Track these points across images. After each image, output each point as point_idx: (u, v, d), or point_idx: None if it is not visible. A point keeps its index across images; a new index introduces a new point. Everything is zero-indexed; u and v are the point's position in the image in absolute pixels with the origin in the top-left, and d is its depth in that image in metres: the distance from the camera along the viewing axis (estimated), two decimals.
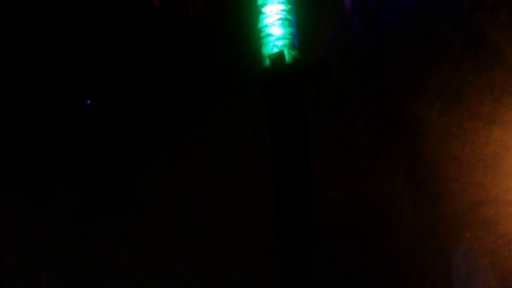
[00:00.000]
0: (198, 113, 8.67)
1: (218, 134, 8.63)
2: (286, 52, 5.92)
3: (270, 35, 6.02)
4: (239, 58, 6.88)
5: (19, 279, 7.51)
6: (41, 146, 7.62)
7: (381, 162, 7.74)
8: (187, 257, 7.28)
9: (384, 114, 9.50)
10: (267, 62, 5.95)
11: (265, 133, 6.08)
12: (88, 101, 8.08)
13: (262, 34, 6.08)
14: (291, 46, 5.99)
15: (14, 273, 7.52)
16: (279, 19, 6.02)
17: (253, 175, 7.06)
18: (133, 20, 8.44)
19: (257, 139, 6.68)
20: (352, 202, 7.21)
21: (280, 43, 5.97)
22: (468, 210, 7.23)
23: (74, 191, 7.70)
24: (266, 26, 6.05)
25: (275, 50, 5.92)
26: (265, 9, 6.07)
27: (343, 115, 8.89)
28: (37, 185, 7.64)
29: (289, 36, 6.03)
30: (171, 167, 7.75)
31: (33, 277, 7.56)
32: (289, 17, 6.07)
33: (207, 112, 8.54)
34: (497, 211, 7.15)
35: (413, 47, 9.17)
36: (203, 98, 8.51)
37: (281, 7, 6.05)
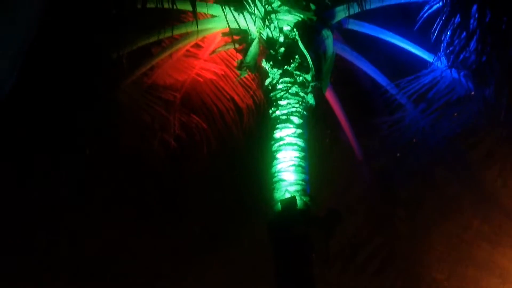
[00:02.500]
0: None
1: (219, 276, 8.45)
2: (298, 198, 5.89)
3: (283, 180, 6.04)
4: (251, 202, 6.90)
5: None
6: None
7: None
8: None
9: (392, 266, 9.31)
10: (278, 206, 5.90)
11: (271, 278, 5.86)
12: None
13: (275, 179, 6.10)
14: (303, 192, 5.99)
15: None
16: (292, 165, 6.08)
17: None
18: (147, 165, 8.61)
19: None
20: None
21: (292, 188, 5.97)
22: None
23: None
24: (279, 171, 6.09)
25: (287, 195, 5.90)
26: (279, 155, 6.15)
27: (352, 265, 8.74)
28: None
29: (302, 183, 6.05)
30: None
31: None
32: (303, 163, 6.14)
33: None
34: None
35: (420, 205, 9.22)
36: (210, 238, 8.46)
37: (295, 153, 6.14)
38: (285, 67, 6.44)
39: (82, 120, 6.92)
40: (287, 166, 6.08)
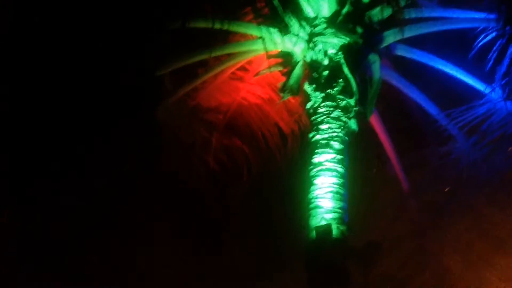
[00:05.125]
0: None
1: None
2: (334, 226, 5.62)
3: (320, 207, 5.79)
4: (287, 227, 6.67)
5: None
6: None
7: None
8: None
9: None
10: (313, 234, 5.64)
11: None
12: None
13: (311, 205, 5.85)
14: (340, 220, 5.72)
15: None
16: (330, 192, 5.83)
17: None
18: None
19: None
20: None
21: (329, 216, 5.71)
22: None
23: None
24: (316, 197, 5.85)
25: (323, 222, 5.64)
26: (316, 181, 5.92)
27: None
28: None
29: (339, 210, 5.78)
30: None
31: None
32: (341, 191, 5.88)
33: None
34: None
35: (469, 243, 8.70)
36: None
37: (334, 180, 5.89)
38: (328, 90, 6.25)
39: (123, 137, 6.92)
40: (325, 193, 5.84)
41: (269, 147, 8.87)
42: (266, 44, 6.85)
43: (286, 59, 6.96)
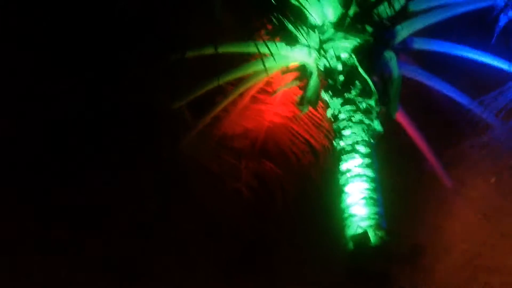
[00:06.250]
0: None
1: None
2: (371, 233, 5.33)
3: (354, 215, 5.52)
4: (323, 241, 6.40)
5: None
6: None
7: None
8: None
9: None
10: (351, 245, 5.36)
11: None
12: None
13: (345, 215, 5.59)
14: (378, 226, 5.44)
15: None
16: (363, 198, 5.56)
17: None
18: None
19: None
20: None
21: (364, 223, 5.43)
22: None
23: None
24: (349, 206, 5.59)
25: (359, 231, 5.36)
26: (347, 188, 5.66)
27: None
28: None
29: (375, 216, 5.50)
30: None
31: None
32: (374, 195, 5.60)
33: None
34: None
35: None
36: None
37: (365, 185, 5.63)
38: (346, 94, 6.04)
39: (148, 179, 6.84)
40: (357, 200, 5.58)
41: (302, 165, 8.68)
42: (277, 60, 6.73)
43: (301, 72, 6.81)
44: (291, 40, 6.41)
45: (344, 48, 6.21)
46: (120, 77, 5.61)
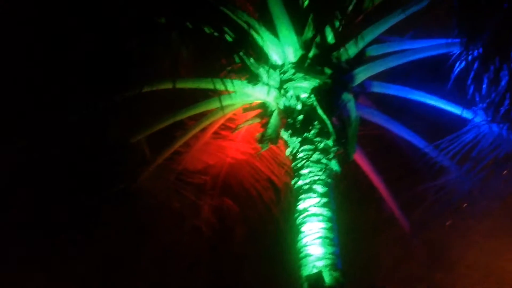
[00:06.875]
0: None
1: None
2: (327, 273, 5.32)
3: (309, 255, 5.52)
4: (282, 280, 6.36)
5: None
6: None
7: None
8: None
9: None
10: (306, 286, 5.34)
11: None
12: None
13: (301, 255, 5.59)
14: (333, 267, 5.43)
15: None
16: (318, 238, 5.57)
17: None
18: None
19: None
20: None
21: (320, 263, 5.43)
22: None
23: None
24: (305, 245, 5.59)
25: (314, 271, 5.35)
26: (304, 228, 5.68)
27: None
28: None
29: (331, 256, 5.50)
30: None
31: None
32: (330, 235, 5.62)
33: None
34: None
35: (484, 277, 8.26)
36: None
37: (321, 225, 5.65)
38: (305, 134, 6.11)
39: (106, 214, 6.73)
40: (313, 239, 5.58)
41: (264, 202, 8.68)
42: (239, 97, 6.80)
43: (263, 109, 6.87)
44: (253, 78, 6.48)
45: (303, 88, 6.30)
46: (77, 111, 5.55)
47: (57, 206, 6.30)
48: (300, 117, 6.20)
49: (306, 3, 6.29)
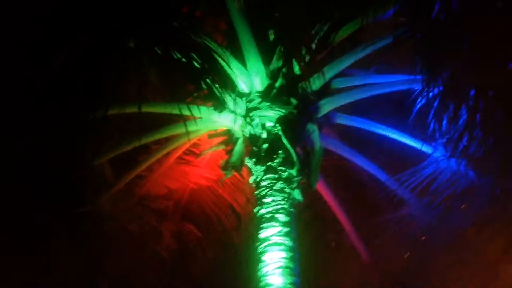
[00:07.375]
0: None
1: None
2: None
3: (269, 285, 5.51)
4: None
5: None
6: None
7: None
8: None
9: None
10: None
11: None
12: None
13: (261, 284, 5.57)
14: None
15: None
16: (279, 267, 5.57)
17: None
18: None
19: None
20: None
21: None
22: None
23: None
24: (266, 275, 5.58)
25: None
26: (264, 257, 5.67)
27: None
28: None
29: (290, 286, 5.50)
30: None
31: None
32: (291, 265, 5.63)
33: None
34: None
35: None
36: None
37: (282, 254, 5.65)
38: (269, 163, 6.15)
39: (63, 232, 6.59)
40: (274, 269, 5.58)
41: (225, 229, 8.65)
42: (205, 123, 6.81)
43: (228, 136, 6.90)
44: (219, 105, 6.51)
45: (269, 117, 6.36)
46: (40, 132, 5.46)
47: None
48: (265, 145, 6.24)
49: (272, 37, 6.40)
